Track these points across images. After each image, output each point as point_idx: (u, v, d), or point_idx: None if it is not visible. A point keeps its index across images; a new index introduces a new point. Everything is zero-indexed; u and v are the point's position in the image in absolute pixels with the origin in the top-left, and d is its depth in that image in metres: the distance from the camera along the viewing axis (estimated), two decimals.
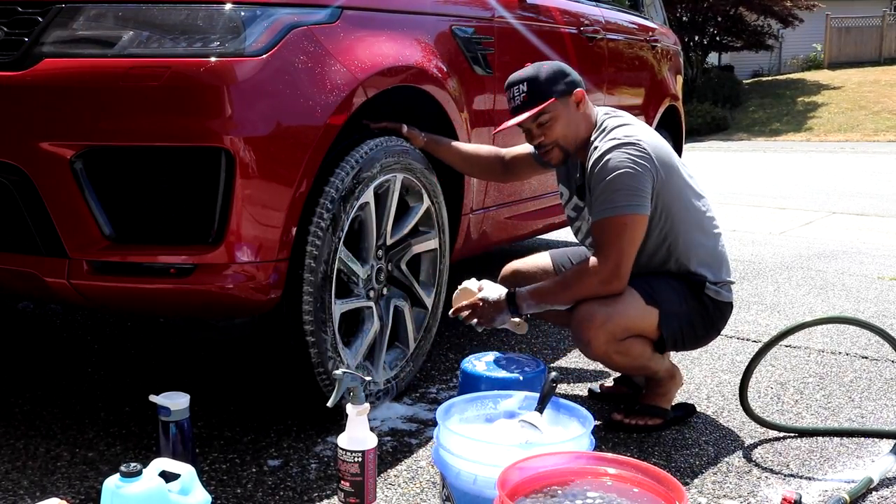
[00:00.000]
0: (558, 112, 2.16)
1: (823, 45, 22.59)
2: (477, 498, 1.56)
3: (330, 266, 2.04)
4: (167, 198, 1.81)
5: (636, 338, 2.13)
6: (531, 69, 2.17)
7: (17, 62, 1.79)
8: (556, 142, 2.19)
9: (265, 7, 1.85)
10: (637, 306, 2.11)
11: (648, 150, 2.08)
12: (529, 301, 2.16)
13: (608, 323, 2.07)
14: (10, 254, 1.89)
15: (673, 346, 2.21)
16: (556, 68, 2.18)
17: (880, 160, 11.85)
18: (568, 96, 2.16)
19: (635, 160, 2.06)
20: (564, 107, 2.16)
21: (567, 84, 2.16)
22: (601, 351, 2.10)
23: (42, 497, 1.76)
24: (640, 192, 2.06)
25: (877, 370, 2.81)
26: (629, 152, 2.07)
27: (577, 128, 2.19)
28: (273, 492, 1.85)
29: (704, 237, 2.20)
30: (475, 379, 2.11)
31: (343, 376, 1.75)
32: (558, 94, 2.14)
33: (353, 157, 2.09)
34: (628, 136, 2.10)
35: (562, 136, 2.18)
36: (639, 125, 2.20)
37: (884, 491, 1.92)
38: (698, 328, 2.21)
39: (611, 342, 2.09)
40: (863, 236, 5.68)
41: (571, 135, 2.19)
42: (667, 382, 2.27)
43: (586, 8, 3.48)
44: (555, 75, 2.15)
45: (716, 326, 2.26)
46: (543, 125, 2.17)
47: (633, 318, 2.10)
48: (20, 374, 2.54)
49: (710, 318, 2.21)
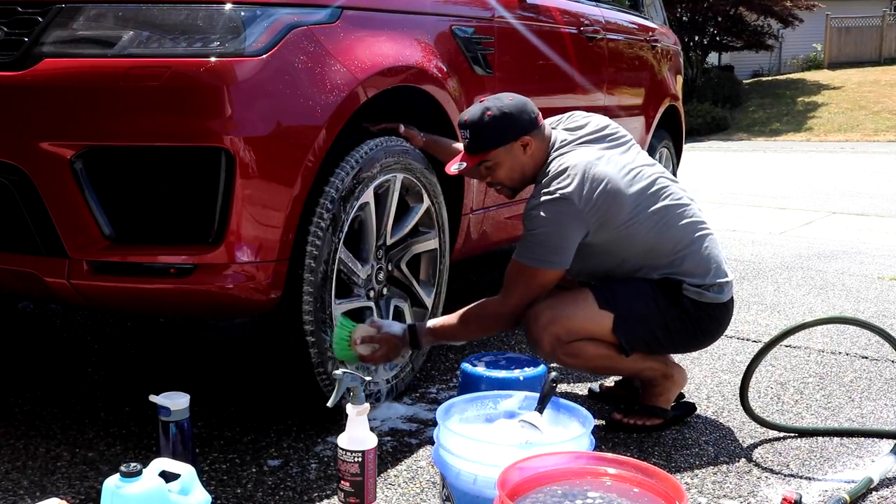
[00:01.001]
0: (501, 159, 2.15)
1: (823, 45, 22.60)
2: (477, 498, 1.57)
3: (330, 266, 2.04)
4: (167, 198, 1.81)
5: (589, 340, 2.14)
6: (477, 112, 2.11)
7: (17, 62, 1.79)
8: (503, 182, 2.22)
9: (265, 7, 1.85)
10: (587, 310, 2.13)
11: (579, 204, 2.04)
12: (429, 337, 2.20)
13: (552, 325, 2.11)
14: (10, 254, 1.89)
15: (636, 349, 2.18)
16: (504, 112, 2.10)
17: (880, 160, 11.85)
18: (513, 143, 2.13)
19: (560, 217, 2.04)
20: (508, 154, 2.14)
21: (514, 131, 2.12)
22: (548, 351, 2.13)
23: (42, 497, 1.76)
24: (560, 249, 2.07)
25: (877, 370, 2.81)
26: (557, 208, 2.04)
27: (524, 169, 2.18)
28: (273, 492, 1.85)
29: (682, 244, 2.14)
30: (475, 379, 2.11)
31: (343, 376, 1.75)
32: (501, 143, 2.12)
33: (353, 157, 2.09)
34: (563, 189, 2.05)
35: (507, 178, 2.20)
36: (585, 162, 2.09)
37: (884, 491, 1.92)
38: (677, 332, 2.17)
39: (557, 344, 2.11)
40: (863, 236, 5.68)
41: (517, 177, 2.20)
42: (661, 382, 2.26)
43: (586, 8, 3.48)
44: (501, 122, 2.10)
45: (704, 329, 2.21)
46: (489, 169, 2.19)
47: (579, 322, 2.12)
48: (20, 374, 2.54)
49: (692, 321, 2.17)
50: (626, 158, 2.17)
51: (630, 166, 2.14)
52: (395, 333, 2.17)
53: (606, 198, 2.06)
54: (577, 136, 2.20)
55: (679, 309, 2.15)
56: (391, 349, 2.17)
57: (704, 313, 2.18)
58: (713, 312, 2.19)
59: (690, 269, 2.14)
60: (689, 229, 2.16)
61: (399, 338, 2.18)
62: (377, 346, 2.15)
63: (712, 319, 2.20)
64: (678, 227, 2.15)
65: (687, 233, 2.15)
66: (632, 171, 2.13)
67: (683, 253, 2.14)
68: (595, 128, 2.23)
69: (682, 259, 2.14)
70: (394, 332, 2.17)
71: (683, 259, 2.14)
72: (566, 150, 2.16)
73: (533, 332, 2.14)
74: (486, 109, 2.11)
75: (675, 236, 2.14)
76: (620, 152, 2.18)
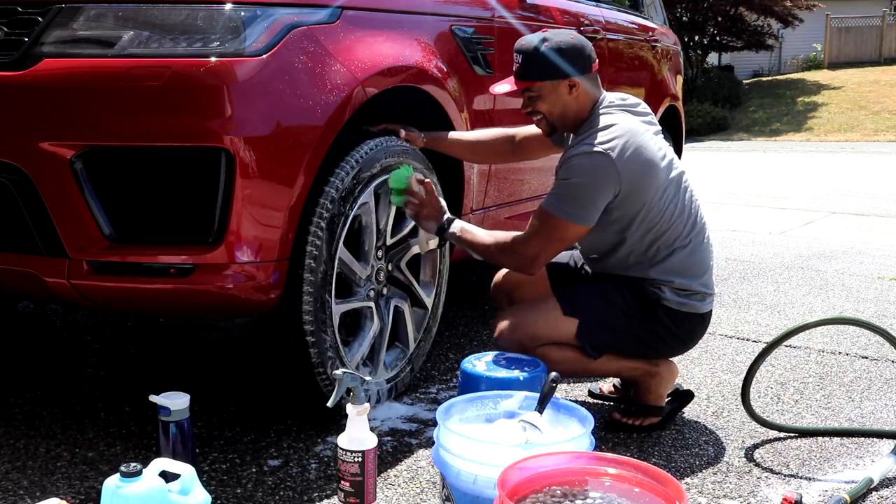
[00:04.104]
0: (545, 92, 2.16)
1: (823, 45, 22.59)
2: (477, 498, 1.56)
3: (330, 266, 2.04)
4: (167, 198, 1.81)
5: (553, 345, 2.17)
6: (535, 40, 2.13)
7: (17, 62, 1.79)
8: (543, 115, 2.21)
9: (265, 7, 1.85)
10: (549, 318, 2.17)
11: (618, 163, 2.04)
12: (456, 233, 2.24)
13: (514, 332, 2.19)
14: (10, 254, 1.89)
15: (602, 353, 2.19)
16: (561, 47, 2.12)
17: (880, 160, 11.85)
18: (560, 80, 2.14)
19: (598, 172, 2.05)
20: (553, 90, 2.15)
21: (565, 69, 2.12)
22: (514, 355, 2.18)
23: (42, 497, 1.76)
24: (588, 204, 2.08)
25: (877, 370, 2.81)
26: (596, 162, 2.05)
27: (566, 110, 2.18)
28: (273, 492, 1.85)
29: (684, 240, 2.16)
30: (475, 379, 2.11)
31: (343, 376, 1.75)
32: (549, 76, 2.13)
33: (353, 157, 2.09)
34: (605, 144, 2.06)
35: (548, 112, 2.20)
36: (630, 127, 2.12)
37: (884, 491, 1.92)
38: (648, 340, 2.19)
39: (521, 350, 2.18)
40: (863, 236, 5.68)
41: (557, 113, 2.19)
42: (647, 381, 2.25)
43: (586, 8, 3.48)
44: (554, 56, 2.11)
45: (679, 337, 2.21)
46: (531, 99, 2.19)
47: (541, 329, 2.17)
48: (20, 374, 2.54)
49: (666, 330, 2.18)
50: (662, 143, 2.20)
51: (664, 151, 2.17)
52: (439, 206, 2.25)
53: (643, 167, 2.08)
54: (626, 104, 2.22)
55: (653, 319, 2.17)
56: (430, 212, 2.24)
57: (680, 323, 2.19)
58: (689, 323, 2.20)
59: (683, 266, 2.15)
60: (694, 229, 2.19)
61: (439, 212, 2.25)
62: (422, 203, 2.22)
63: (687, 330, 2.22)
64: (686, 222, 2.18)
65: (691, 231, 2.18)
66: (665, 155, 2.16)
67: (682, 247, 2.16)
68: (640, 106, 2.26)
69: (678, 253, 2.15)
70: (439, 206, 2.25)
71: (680, 253, 2.15)
72: (612, 111, 2.17)
73: (498, 339, 2.22)
74: (545, 40, 2.12)
75: (682, 229, 2.16)
76: (659, 138, 2.22)
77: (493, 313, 2.39)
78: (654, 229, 2.13)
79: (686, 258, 2.16)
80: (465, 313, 3.34)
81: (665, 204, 2.13)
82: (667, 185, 2.13)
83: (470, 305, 3.43)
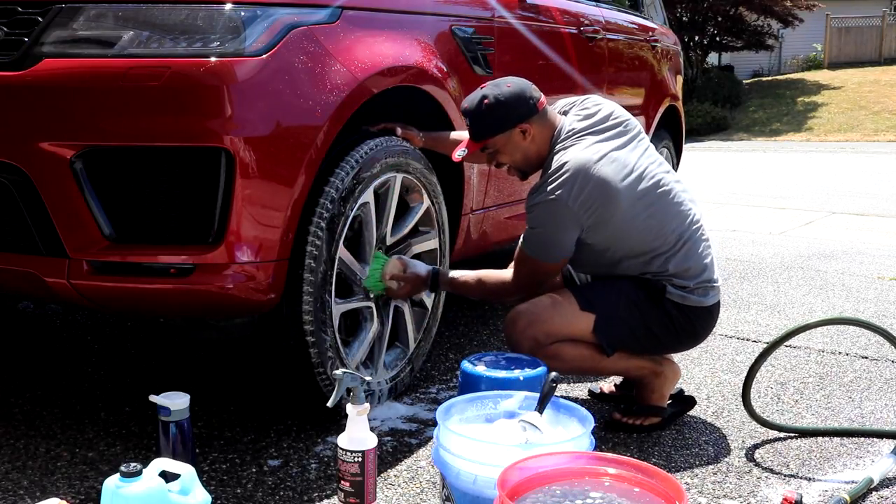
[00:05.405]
0: (501, 145, 2.19)
1: (823, 45, 22.59)
2: (477, 498, 1.56)
3: (330, 266, 2.04)
4: (167, 198, 1.81)
5: (569, 342, 2.16)
6: (476, 100, 2.14)
7: (17, 62, 1.79)
8: (509, 165, 2.26)
9: (265, 7, 1.85)
10: (566, 312, 2.16)
11: (572, 206, 2.05)
12: (447, 285, 2.34)
13: (530, 328, 2.15)
14: (10, 254, 1.89)
15: (617, 350, 2.18)
16: (501, 99, 2.11)
17: (880, 160, 11.85)
18: (510, 130, 2.15)
19: (556, 218, 2.09)
20: (507, 141, 2.17)
21: (512, 119, 2.13)
22: (527, 354, 2.15)
23: (42, 497, 1.76)
24: (556, 245, 2.14)
25: (877, 370, 2.81)
26: (550, 210, 2.08)
27: (527, 154, 2.20)
28: (273, 492, 1.85)
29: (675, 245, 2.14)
30: (475, 379, 2.11)
31: (343, 376, 1.75)
32: (499, 130, 2.15)
33: (353, 157, 2.09)
34: (557, 190, 2.06)
35: (511, 161, 2.24)
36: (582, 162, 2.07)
37: (884, 491, 1.92)
38: (659, 334, 2.18)
39: (536, 347, 2.15)
40: (863, 236, 5.68)
41: (520, 159, 2.22)
42: (652, 381, 2.26)
43: (586, 8, 3.48)
44: (498, 110, 2.11)
45: (687, 331, 2.21)
46: (491, 154, 2.24)
47: (558, 324, 2.15)
48: (20, 374, 2.54)
49: (674, 324, 2.18)
50: (630, 156, 2.15)
51: (632, 165, 2.13)
52: (419, 274, 2.30)
53: (600, 198, 2.07)
54: (585, 125, 2.19)
55: (661, 311, 2.16)
56: (414, 287, 2.31)
57: (687, 317, 2.18)
58: (696, 316, 2.19)
59: (679, 270, 2.15)
60: (685, 233, 2.17)
61: (423, 279, 2.30)
62: (402, 283, 2.27)
63: (695, 323, 2.21)
64: (674, 227, 2.15)
65: (681, 237, 2.16)
66: (633, 170, 2.12)
67: (675, 253, 2.15)
68: (604, 116, 2.21)
69: (672, 259, 2.14)
70: (419, 273, 2.30)
71: (673, 259, 2.14)
72: (569, 143, 2.16)
73: (512, 335, 2.19)
74: (484, 98, 2.13)
75: (668, 238, 2.15)
76: (628, 149, 2.17)
77: (493, 313, 2.39)
78: (639, 243, 2.13)
79: (681, 262, 2.15)
80: (465, 313, 3.34)
81: (643, 219, 2.11)
82: (637, 201, 2.10)
83: (470, 305, 3.43)
